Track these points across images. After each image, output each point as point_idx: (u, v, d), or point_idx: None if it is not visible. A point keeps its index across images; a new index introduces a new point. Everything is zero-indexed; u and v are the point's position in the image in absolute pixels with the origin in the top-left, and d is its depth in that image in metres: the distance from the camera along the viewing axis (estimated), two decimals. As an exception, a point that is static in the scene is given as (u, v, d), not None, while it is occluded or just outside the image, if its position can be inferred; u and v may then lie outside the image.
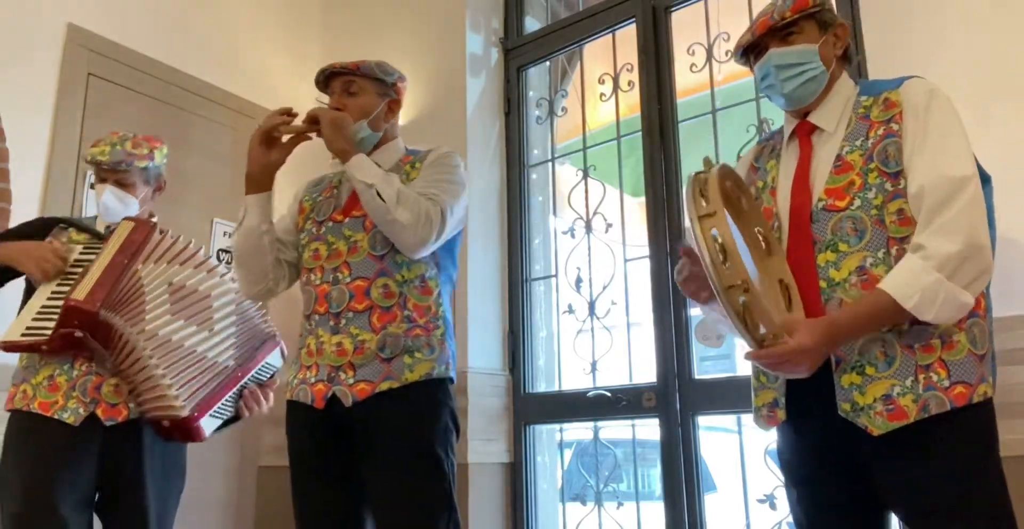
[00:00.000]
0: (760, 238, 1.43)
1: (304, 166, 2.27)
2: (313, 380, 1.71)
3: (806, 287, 1.38)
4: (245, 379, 1.97)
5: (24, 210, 2.55)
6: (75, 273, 1.92)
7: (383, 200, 1.66)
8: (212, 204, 3.14)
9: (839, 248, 1.36)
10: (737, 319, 1.23)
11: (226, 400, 1.93)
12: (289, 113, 1.82)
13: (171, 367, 1.82)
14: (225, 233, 3.18)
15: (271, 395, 2.06)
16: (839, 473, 1.38)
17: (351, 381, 1.67)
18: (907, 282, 1.26)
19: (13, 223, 2.51)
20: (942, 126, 1.34)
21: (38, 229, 2.04)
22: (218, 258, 3.10)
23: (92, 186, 2.73)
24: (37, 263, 1.87)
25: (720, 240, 1.22)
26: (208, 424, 1.88)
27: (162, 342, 1.84)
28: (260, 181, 1.81)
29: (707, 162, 1.36)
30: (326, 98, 1.89)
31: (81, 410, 1.83)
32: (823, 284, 1.36)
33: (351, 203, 1.80)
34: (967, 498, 1.24)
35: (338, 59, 1.90)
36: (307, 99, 3.55)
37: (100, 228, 2.06)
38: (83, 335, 1.82)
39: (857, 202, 1.37)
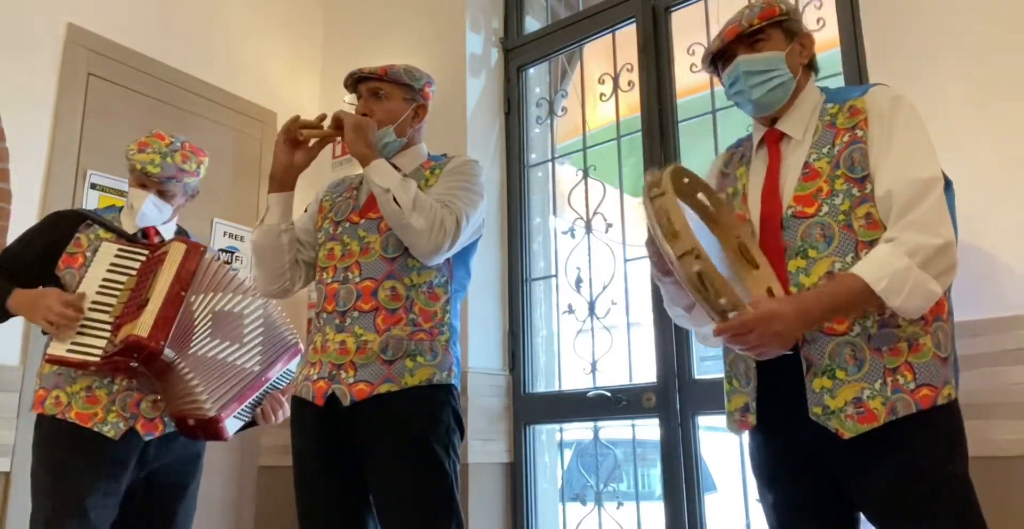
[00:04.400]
0: (740, 250, 1.44)
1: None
2: (316, 377, 1.72)
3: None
4: (267, 384, 2.02)
5: (24, 210, 2.55)
6: (117, 282, 1.92)
7: (399, 205, 1.67)
8: (212, 204, 3.14)
9: (808, 254, 1.38)
10: (693, 288, 1.25)
11: (249, 403, 1.98)
12: (317, 119, 1.85)
13: (204, 378, 1.88)
14: (225, 233, 3.18)
15: (286, 404, 2.08)
16: (808, 474, 1.40)
17: (351, 380, 1.67)
18: (878, 265, 1.27)
19: (12, 223, 2.51)
20: (907, 131, 1.37)
21: (65, 229, 2.01)
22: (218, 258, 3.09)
23: (86, 183, 2.73)
24: (44, 317, 1.83)
25: (668, 213, 1.26)
26: (231, 425, 1.93)
27: (200, 361, 1.89)
28: (283, 181, 1.85)
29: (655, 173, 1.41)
30: (354, 99, 1.91)
31: (121, 424, 1.88)
32: (794, 290, 1.37)
33: (368, 205, 1.82)
34: (935, 498, 1.27)
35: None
36: (307, 99, 3.57)
37: (128, 228, 2.06)
38: (137, 366, 1.85)
39: (825, 208, 1.39)
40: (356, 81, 1.89)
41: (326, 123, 1.84)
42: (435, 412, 1.70)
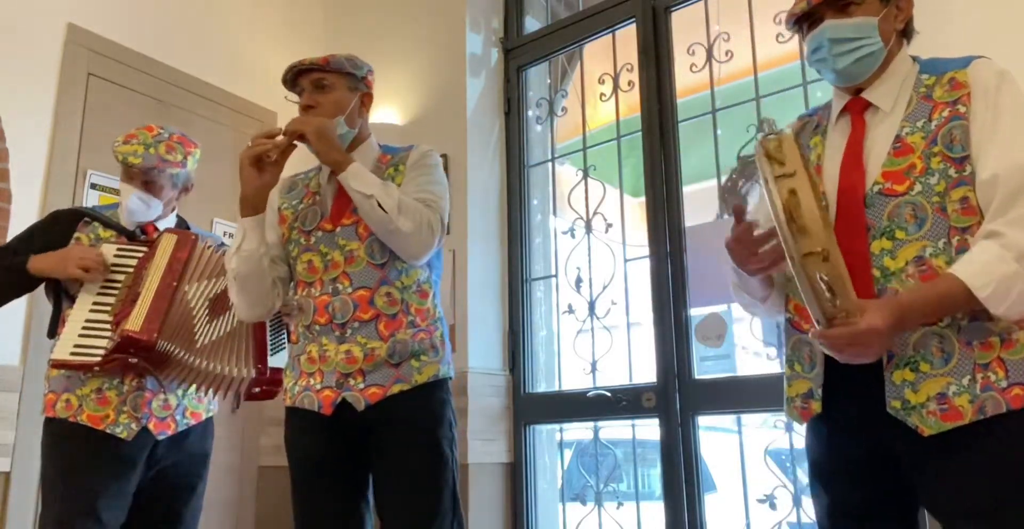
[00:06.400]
0: None
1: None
2: (319, 386, 1.70)
3: (857, 274, 1.26)
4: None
5: (24, 210, 2.55)
6: (117, 281, 1.93)
7: (384, 211, 1.65)
8: (212, 204, 3.14)
9: (896, 235, 1.27)
10: (809, 289, 1.16)
11: (271, 336, 1.98)
12: (272, 135, 1.76)
13: (221, 359, 1.90)
14: (225, 233, 3.18)
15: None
16: (872, 474, 1.31)
17: (361, 386, 1.67)
18: (982, 270, 1.16)
19: (12, 223, 2.51)
20: (1015, 111, 1.25)
21: (64, 227, 2.01)
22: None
23: (88, 181, 2.74)
24: (77, 264, 1.85)
25: (800, 202, 1.15)
26: (279, 360, 1.95)
27: (210, 348, 1.90)
28: (256, 203, 1.76)
29: (769, 124, 1.29)
30: (295, 97, 1.84)
31: (133, 425, 1.88)
32: (876, 273, 1.27)
33: (338, 210, 1.77)
34: (1018, 501, 1.17)
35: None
36: (307, 99, 3.55)
37: (125, 224, 2.05)
38: (137, 360, 1.85)
39: (918, 187, 1.26)
40: (296, 75, 1.83)
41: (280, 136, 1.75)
42: (438, 411, 1.72)
